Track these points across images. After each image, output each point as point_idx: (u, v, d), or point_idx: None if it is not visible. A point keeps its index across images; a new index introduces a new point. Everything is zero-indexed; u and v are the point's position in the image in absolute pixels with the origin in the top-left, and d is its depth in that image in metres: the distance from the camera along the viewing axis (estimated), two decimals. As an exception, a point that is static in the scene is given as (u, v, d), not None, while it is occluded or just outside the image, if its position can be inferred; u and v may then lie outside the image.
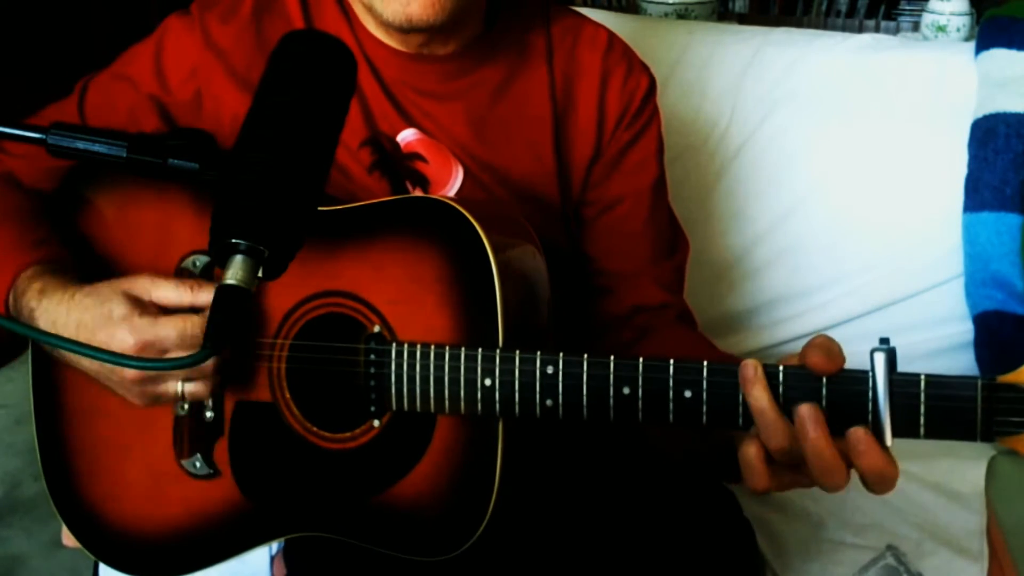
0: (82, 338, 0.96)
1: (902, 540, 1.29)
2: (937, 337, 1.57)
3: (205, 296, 0.98)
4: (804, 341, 0.87)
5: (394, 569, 1.03)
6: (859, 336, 0.90)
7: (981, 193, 1.53)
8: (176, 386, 0.99)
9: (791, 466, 0.86)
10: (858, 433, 0.83)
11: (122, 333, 0.95)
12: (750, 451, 0.86)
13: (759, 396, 0.85)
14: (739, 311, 1.66)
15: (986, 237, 1.51)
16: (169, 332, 0.95)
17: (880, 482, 0.84)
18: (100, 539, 1.10)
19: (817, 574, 1.28)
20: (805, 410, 0.83)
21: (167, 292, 0.99)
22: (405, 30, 1.06)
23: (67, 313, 0.98)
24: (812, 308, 1.62)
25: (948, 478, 1.41)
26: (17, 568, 2.11)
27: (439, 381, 0.96)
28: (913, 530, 1.33)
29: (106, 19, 2.88)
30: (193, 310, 0.98)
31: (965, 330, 1.55)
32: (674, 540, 1.01)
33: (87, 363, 1.01)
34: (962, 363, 1.55)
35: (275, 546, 1.21)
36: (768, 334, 1.64)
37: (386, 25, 1.08)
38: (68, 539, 1.13)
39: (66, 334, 0.97)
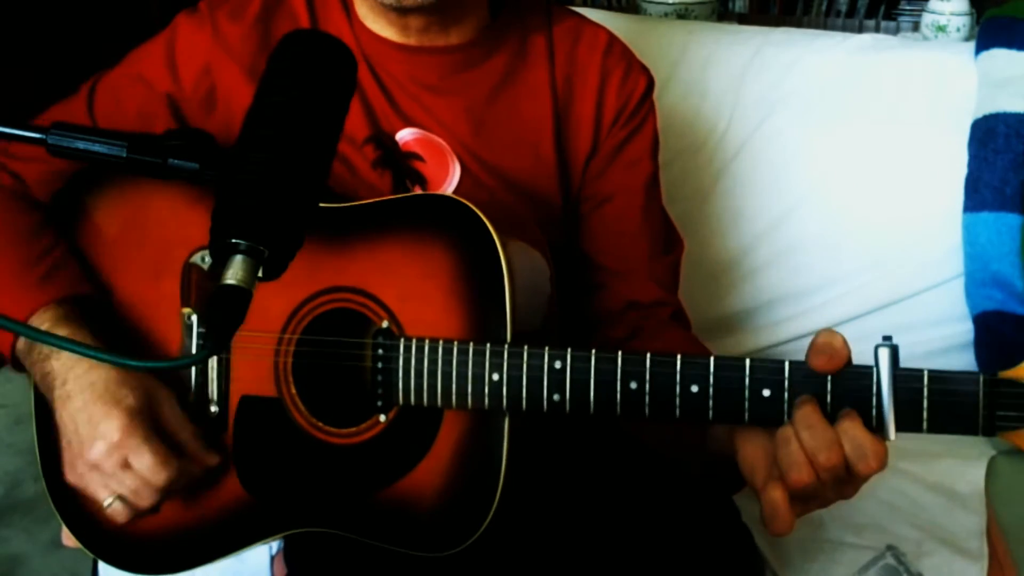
0: (89, 398, 0.99)
1: (902, 540, 1.29)
2: (937, 337, 1.57)
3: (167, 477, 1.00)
4: (804, 341, 0.88)
5: (395, 568, 1.03)
6: (859, 336, 0.90)
7: (981, 193, 1.53)
8: (108, 496, 1.01)
9: (803, 498, 0.87)
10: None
11: (117, 421, 0.98)
12: (776, 495, 0.86)
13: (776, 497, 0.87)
14: (738, 311, 1.66)
15: (986, 237, 1.51)
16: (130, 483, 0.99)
17: (861, 458, 0.84)
18: (99, 536, 1.10)
19: (817, 574, 1.28)
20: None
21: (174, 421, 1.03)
22: (399, 10, 1.07)
23: (87, 372, 1.00)
24: (811, 308, 1.62)
25: (948, 478, 1.41)
26: (17, 568, 2.11)
27: (447, 376, 0.96)
28: (913, 530, 1.33)
29: (106, 19, 2.87)
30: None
31: (965, 330, 1.55)
32: (673, 546, 1.01)
33: (66, 420, 1.01)
34: (962, 363, 1.55)
35: (275, 546, 1.21)
36: (767, 334, 1.64)
37: (382, 7, 1.09)
38: (68, 539, 1.13)
39: (73, 384, 1.00)
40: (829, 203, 1.63)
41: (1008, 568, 1.27)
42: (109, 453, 0.98)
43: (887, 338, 0.86)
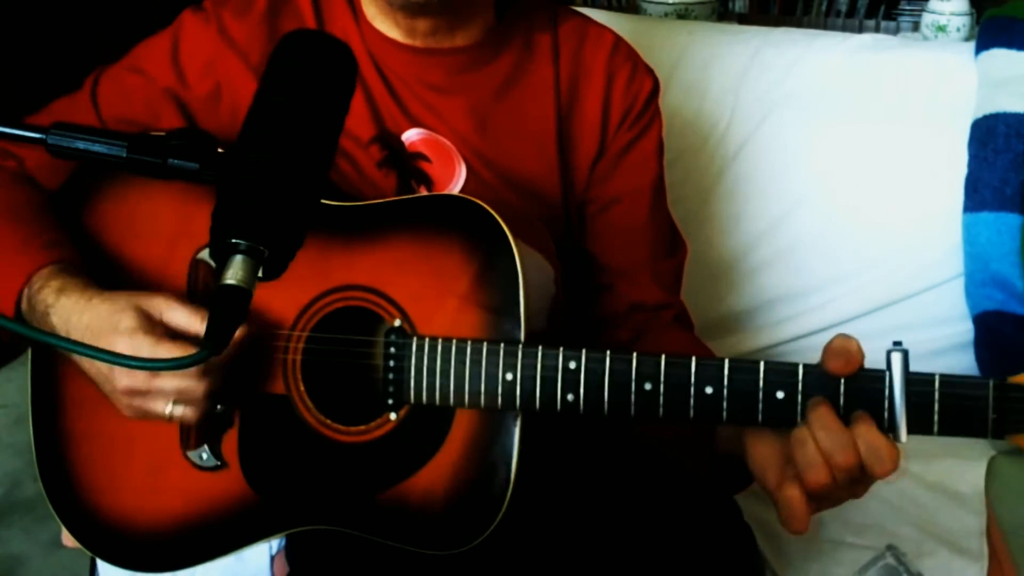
0: (87, 340, 0.96)
1: (902, 540, 1.29)
2: (937, 337, 1.58)
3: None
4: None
5: (397, 566, 1.03)
6: (859, 336, 0.90)
7: (981, 193, 1.53)
8: (165, 407, 0.98)
9: (818, 498, 0.88)
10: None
11: (122, 345, 0.95)
12: (793, 494, 0.87)
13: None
14: (739, 311, 1.66)
15: (986, 237, 1.51)
16: (165, 356, 0.95)
17: (876, 460, 0.85)
18: (98, 534, 1.10)
19: (817, 574, 1.28)
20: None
21: (179, 316, 0.99)
22: (408, 8, 1.08)
23: (80, 314, 0.99)
24: (812, 308, 1.62)
25: (948, 478, 1.41)
26: (17, 568, 2.12)
27: (460, 375, 0.96)
28: (913, 530, 1.33)
29: (107, 18, 2.88)
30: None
31: (965, 330, 1.55)
32: (675, 545, 1.01)
33: (87, 364, 1.02)
34: (962, 363, 1.55)
35: (275, 545, 1.21)
36: (768, 334, 1.64)
37: (390, 7, 1.09)
38: (68, 539, 1.13)
39: (75, 334, 0.98)
40: (829, 203, 1.63)
41: (1008, 568, 1.27)
42: (131, 372, 0.96)
43: (897, 343, 0.87)
